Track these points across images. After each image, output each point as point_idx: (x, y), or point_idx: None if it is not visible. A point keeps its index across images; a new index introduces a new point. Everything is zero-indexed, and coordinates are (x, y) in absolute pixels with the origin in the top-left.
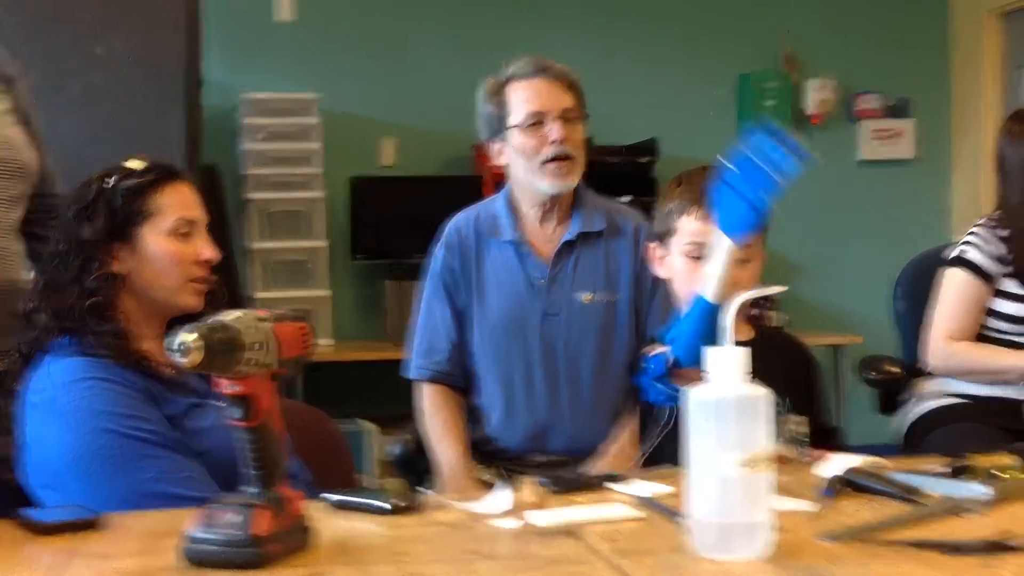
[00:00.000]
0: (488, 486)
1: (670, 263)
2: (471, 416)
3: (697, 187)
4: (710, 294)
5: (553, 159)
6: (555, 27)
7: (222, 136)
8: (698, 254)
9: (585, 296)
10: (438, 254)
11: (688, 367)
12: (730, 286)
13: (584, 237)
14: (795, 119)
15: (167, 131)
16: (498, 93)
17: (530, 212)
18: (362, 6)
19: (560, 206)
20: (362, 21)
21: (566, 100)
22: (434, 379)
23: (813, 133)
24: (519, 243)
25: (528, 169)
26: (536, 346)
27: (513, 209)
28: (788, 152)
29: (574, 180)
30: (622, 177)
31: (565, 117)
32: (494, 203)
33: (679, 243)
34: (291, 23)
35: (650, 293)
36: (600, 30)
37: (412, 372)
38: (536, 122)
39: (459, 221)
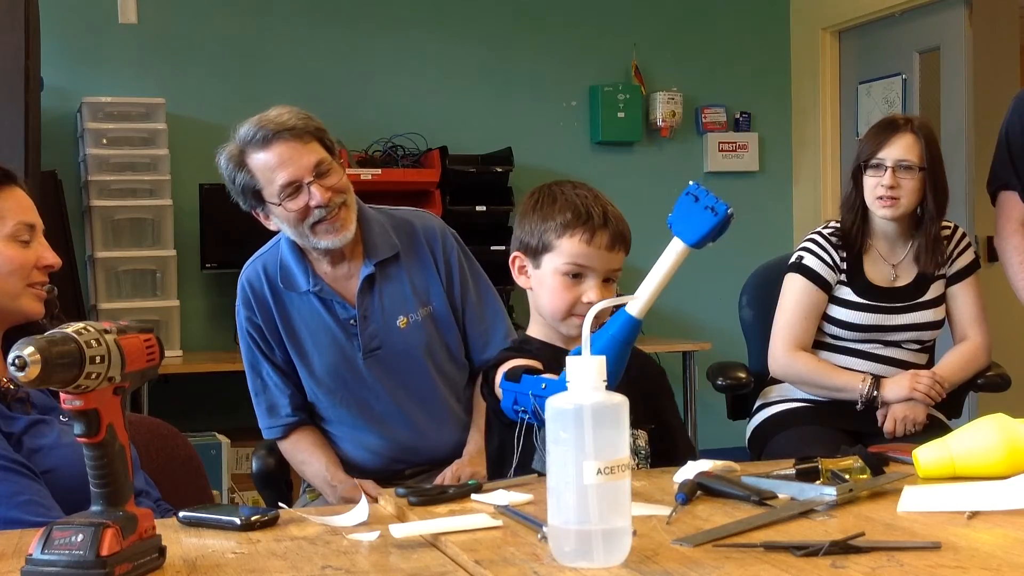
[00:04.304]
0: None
1: (539, 277)
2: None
3: (579, 208)
4: (638, 308)
5: (323, 219)
6: (408, 37)
7: (62, 141)
8: (577, 273)
9: (401, 321)
10: (240, 313)
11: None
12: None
13: (382, 265)
14: (645, 131)
15: (3, 135)
16: (241, 165)
17: (319, 258)
18: (211, 10)
19: (348, 244)
20: (213, 25)
21: (314, 153)
22: (286, 434)
23: (663, 145)
24: (319, 291)
25: (301, 234)
26: (369, 384)
27: (302, 256)
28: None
29: (351, 227)
30: (478, 186)
31: (319, 172)
32: (279, 251)
33: (556, 261)
34: (137, 26)
35: (461, 288)
36: (454, 41)
37: (265, 434)
38: (293, 192)
39: (249, 275)
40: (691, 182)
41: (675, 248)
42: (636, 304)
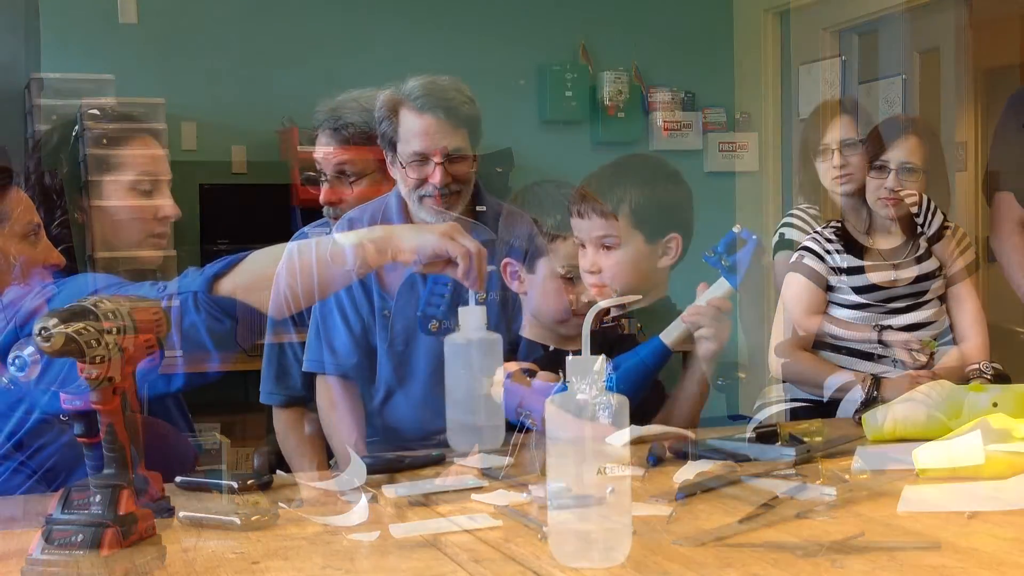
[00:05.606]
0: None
1: (535, 281)
2: None
3: (566, 208)
4: (672, 339)
5: (431, 195)
6: (409, 36)
7: (63, 142)
8: (573, 275)
9: (432, 325)
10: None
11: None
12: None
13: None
14: (645, 131)
15: (3, 135)
16: (393, 113)
17: None
18: (211, 10)
19: None
20: (213, 25)
21: (454, 140)
22: (287, 404)
23: (663, 145)
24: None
25: (409, 198)
26: (382, 378)
27: None
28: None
29: (455, 213)
30: (478, 186)
31: (450, 158)
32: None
33: (551, 264)
34: (137, 26)
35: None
36: (456, 41)
37: (263, 398)
38: (419, 160)
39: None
40: (744, 228)
41: (723, 288)
42: (671, 335)
